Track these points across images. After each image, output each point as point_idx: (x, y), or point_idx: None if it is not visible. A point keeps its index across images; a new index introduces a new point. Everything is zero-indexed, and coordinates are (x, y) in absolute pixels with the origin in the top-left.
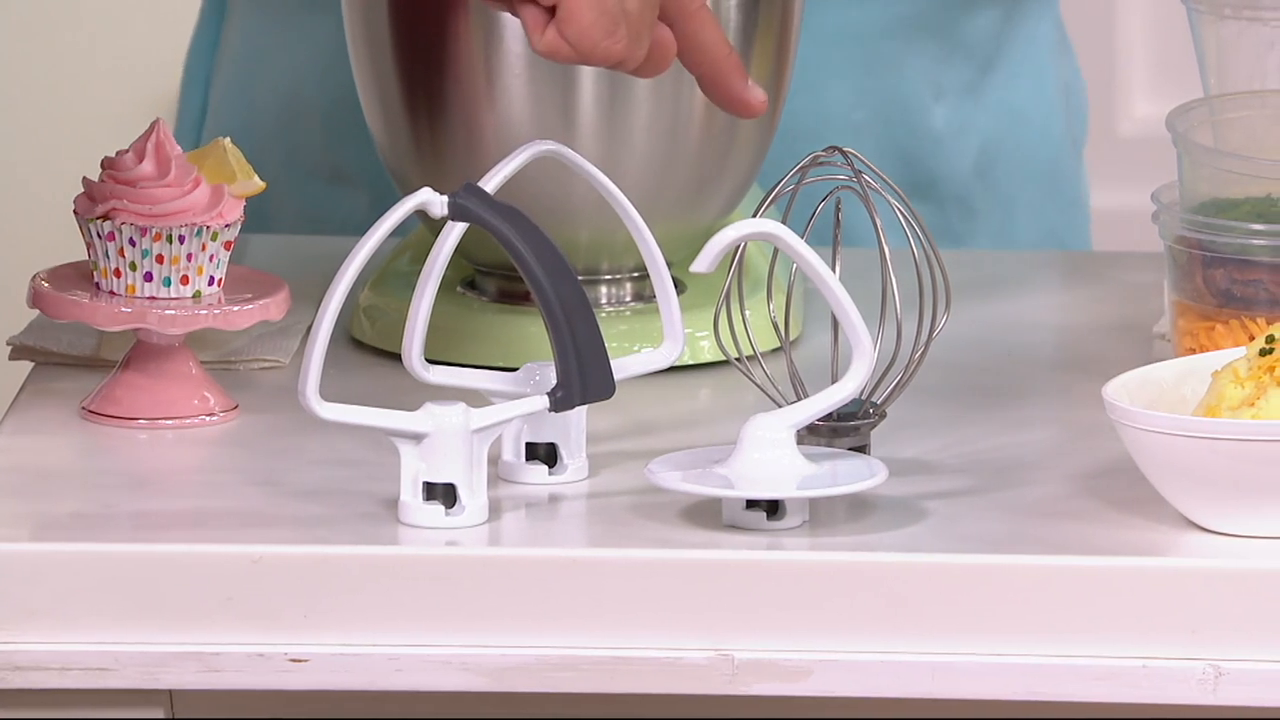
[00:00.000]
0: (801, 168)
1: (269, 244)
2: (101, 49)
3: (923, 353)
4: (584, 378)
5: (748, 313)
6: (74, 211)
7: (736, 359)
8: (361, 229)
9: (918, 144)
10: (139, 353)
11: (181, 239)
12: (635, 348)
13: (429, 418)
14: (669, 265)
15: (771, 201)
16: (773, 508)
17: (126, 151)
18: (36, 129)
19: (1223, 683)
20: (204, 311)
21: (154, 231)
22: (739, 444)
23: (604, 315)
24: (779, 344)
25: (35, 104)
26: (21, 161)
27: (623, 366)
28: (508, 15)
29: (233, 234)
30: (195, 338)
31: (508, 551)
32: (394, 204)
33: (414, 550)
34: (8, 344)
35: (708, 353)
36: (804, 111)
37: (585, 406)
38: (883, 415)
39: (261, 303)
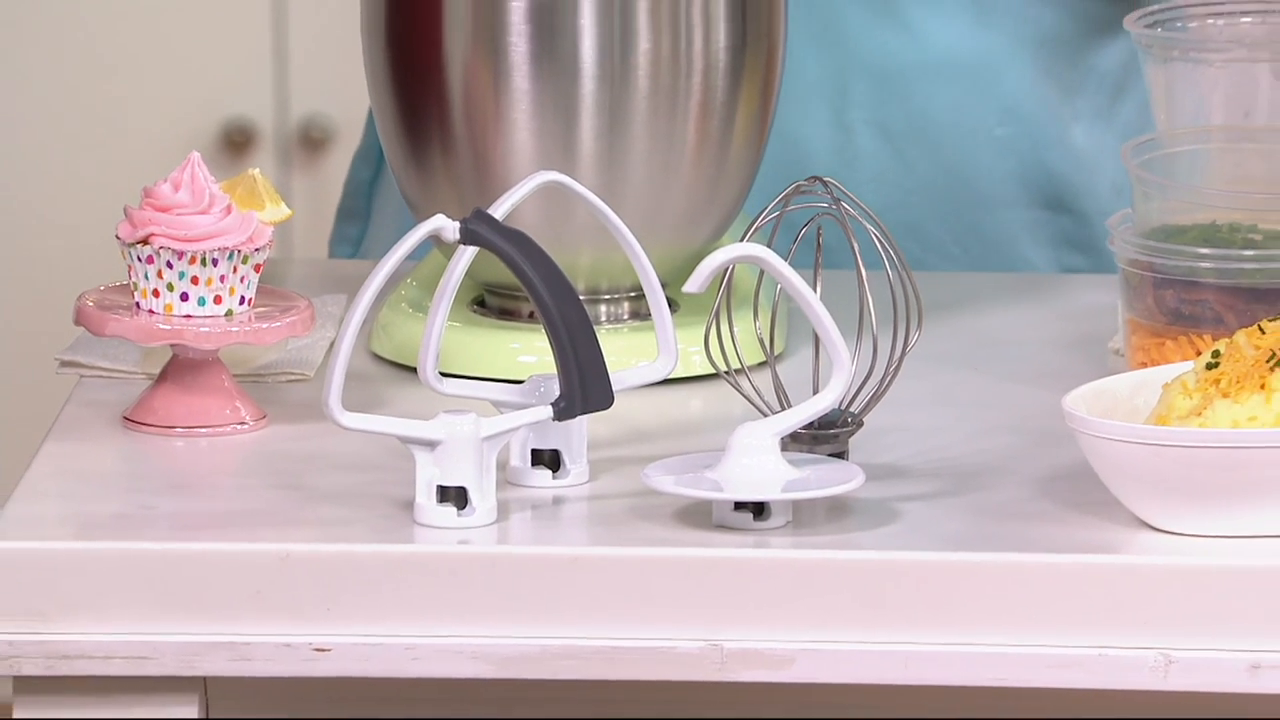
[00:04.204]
0: (785, 196)
1: (295, 266)
2: (142, 91)
3: (897, 366)
4: (585, 389)
5: (736, 329)
6: (116, 237)
7: (725, 372)
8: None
9: (1060, 160)
10: (176, 367)
11: (215, 262)
12: (632, 362)
13: (442, 426)
14: (663, 286)
15: (758, 227)
16: (759, 509)
17: (164, 182)
18: (81, 163)
19: (1173, 670)
20: (236, 329)
21: (190, 255)
22: (728, 450)
23: (603, 332)
24: (765, 358)
25: (80, 140)
26: (67, 192)
27: (621, 379)
28: (515, 54)
29: (262, 257)
30: (228, 353)
31: (515, 550)
32: (410, 230)
33: (428, 548)
34: (56, 359)
35: (699, 366)
36: (950, 127)
37: (586, 416)
38: (860, 424)
39: (288, 320)
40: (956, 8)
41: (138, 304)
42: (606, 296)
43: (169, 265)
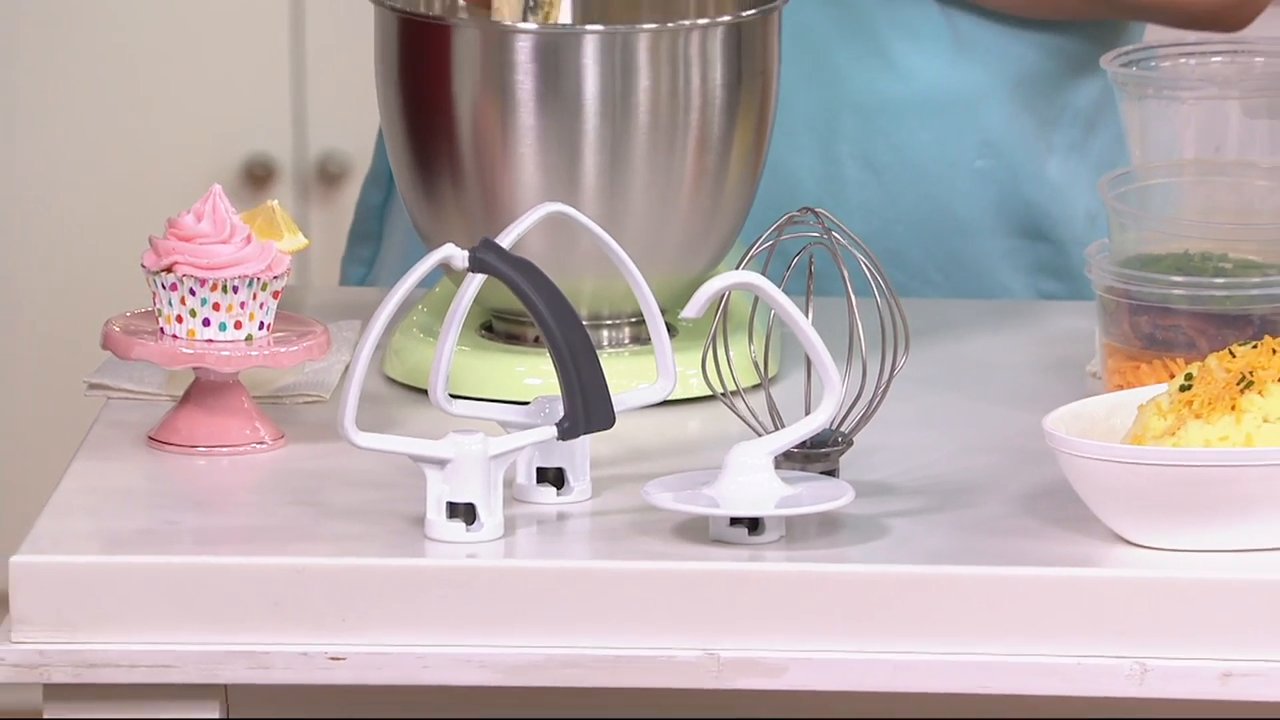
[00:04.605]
0: (778, 226)
1: (312, 293)
2: (169, 128)
3: (885, 389)
4: (588, 410)
5: (731, 353)
6: (142, 265)
7: (722, 394)
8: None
9: (1036, 191)
10: (198, 389)
11: (235, 289)
12: (633, 384)
13: (452, 445)
14: (662, 311)
15: (752, 256)
16: (754, 524)
17: (188, 213)
18: (110, 196)
19: (1148, 678)
20: (255, 353)
21: (211, 282)
22: (724, 468)
23: (605, 355)
24: (759, 381)
25: (110, 174)
26: (96, 223)
27: (622, 400)
28: (521, 91)
29: (280, 284)
30: (247, 375)
31: (521, 563)
32: (421, 258)
33: (438, 562)
34: (84, 381)
35: (696, 388)
36: (932, 159)
37: (589, 435)
38: (850, 443)
39: (305, 345)
40: (939, 46)
41: (162, 329)
42: (608, 322)
43: (191, 292)
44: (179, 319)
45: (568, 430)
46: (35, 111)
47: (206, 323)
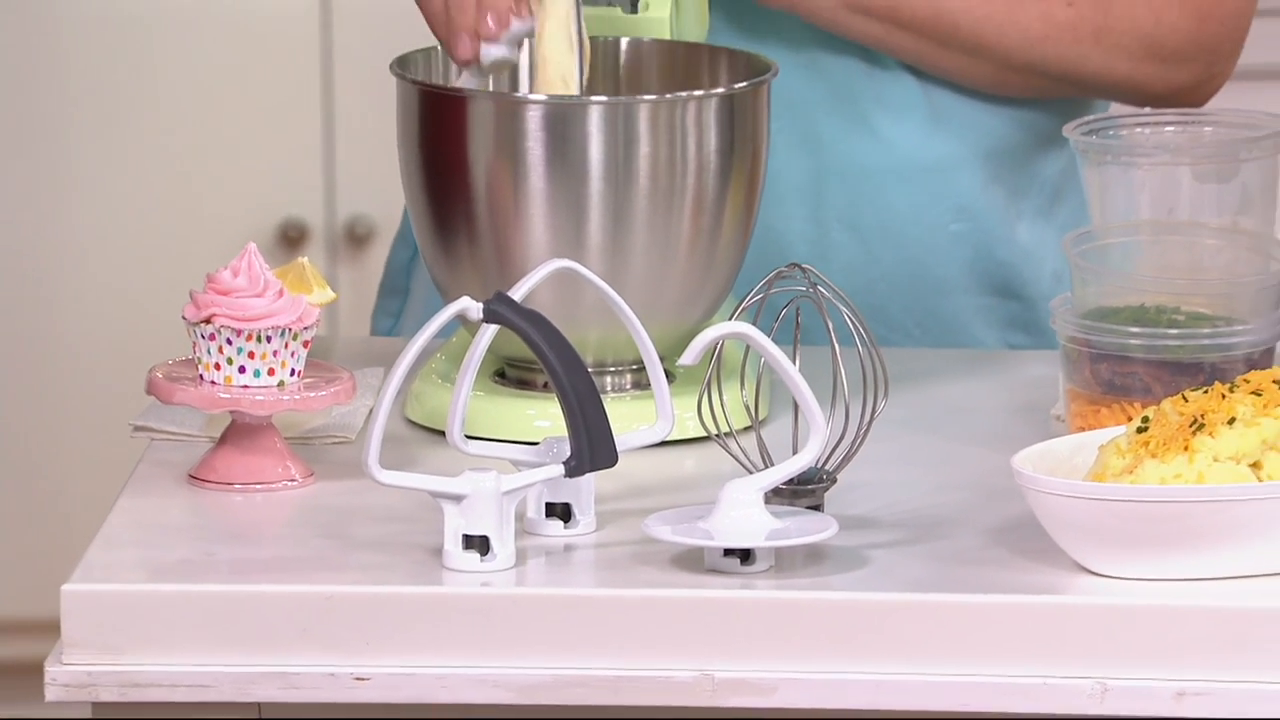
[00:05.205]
0: (768, 281)
1: (339, 343)
2: (211, 194)
3: (866, 430)
4: (593, 450)
5: (725, 397)
6: (183, 317)
7: (716, 435)
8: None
9: (1007, 253)
10: (234, 430)
11: (269, 339)
12: (634, 426)
13: (468, 482)
14: (661, 359)
15: (744, 308)
16: (745, 555)
17: (225, 269)
18: (155, 256)
19: (1108, 697)
20: (287, 397)
21: (247, 333)
22: (718, 503)
23: (609, 399)
24: (750, 423)
25: (156, 236)
26: (142, 280)
27: (624, 441)
28: (532, 157)
29: (310, 335)
30: (279, 418)
31: (532, 591)
32: (440, 310)
33: (455, 590)
34: (130, 424)
35: (693, 430)
36: (911, 223)
37: (594, 473)
38: (834, 480)
39: (333, 390)
40: (917, 119)
41: (201, 376)
42: (612, 369)
43: (228, 342)
44: (217, 366)
45: (574, 468)
46: (93, 182)
47: (242, 370)
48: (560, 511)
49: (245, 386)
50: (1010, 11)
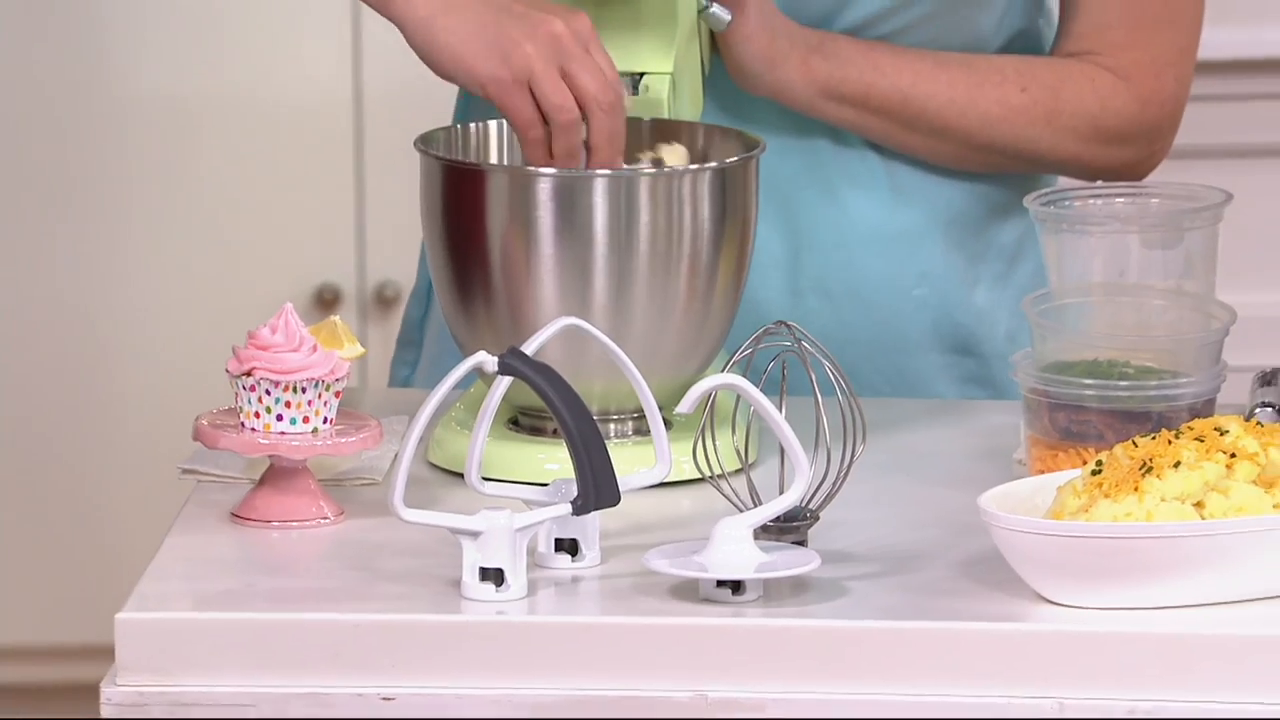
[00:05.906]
0: (756, 337)
1: (368, 394)
2: (252, 262)
3: (846, 473)
4: (598, 490)
5: (718, 442)
6: (225, 370)
7: (709, 477)
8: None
9: (965, 315)
10: (273, 473)
11: (304, 390)
12: (635, 468)
13: (484, 520)
14: (660, 408)
15: (735, 362)
16: (736, 586)
17: (264, 327)
18: (201, 316)
19: (1065, 712)
20: (320, 443)
21: (284, 384)
22: (711, 539)
23: (612, 444)
24: (741, 466)
25: (201, 298)
26: (188, 338)
27: (626, 482)
28: (542, 226)
29: (341, 386)
30: (314, 462)
31: (542, 619)
32: (457, 364)
33: (472, 618)
34: (178, 467)
35: (688, 472)
36: (878, 288)
37: (599, 511)
38: (817, 518)
39: (362, 436)
40: (883, 193)
41: (242, 423)
42: (615, 416)
43: (267, 392)
44: (256, 415)
45: (580, 507)
46: (148, 249)
47: (280, 418)
48: (568, 546)
49: (282, 433)
50: (971, 97)
